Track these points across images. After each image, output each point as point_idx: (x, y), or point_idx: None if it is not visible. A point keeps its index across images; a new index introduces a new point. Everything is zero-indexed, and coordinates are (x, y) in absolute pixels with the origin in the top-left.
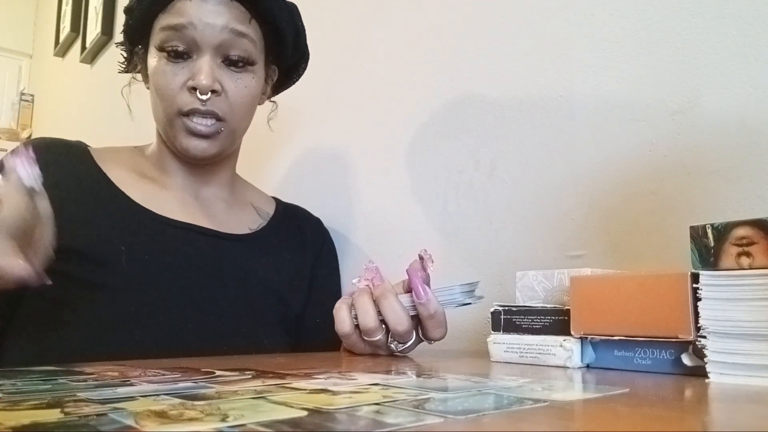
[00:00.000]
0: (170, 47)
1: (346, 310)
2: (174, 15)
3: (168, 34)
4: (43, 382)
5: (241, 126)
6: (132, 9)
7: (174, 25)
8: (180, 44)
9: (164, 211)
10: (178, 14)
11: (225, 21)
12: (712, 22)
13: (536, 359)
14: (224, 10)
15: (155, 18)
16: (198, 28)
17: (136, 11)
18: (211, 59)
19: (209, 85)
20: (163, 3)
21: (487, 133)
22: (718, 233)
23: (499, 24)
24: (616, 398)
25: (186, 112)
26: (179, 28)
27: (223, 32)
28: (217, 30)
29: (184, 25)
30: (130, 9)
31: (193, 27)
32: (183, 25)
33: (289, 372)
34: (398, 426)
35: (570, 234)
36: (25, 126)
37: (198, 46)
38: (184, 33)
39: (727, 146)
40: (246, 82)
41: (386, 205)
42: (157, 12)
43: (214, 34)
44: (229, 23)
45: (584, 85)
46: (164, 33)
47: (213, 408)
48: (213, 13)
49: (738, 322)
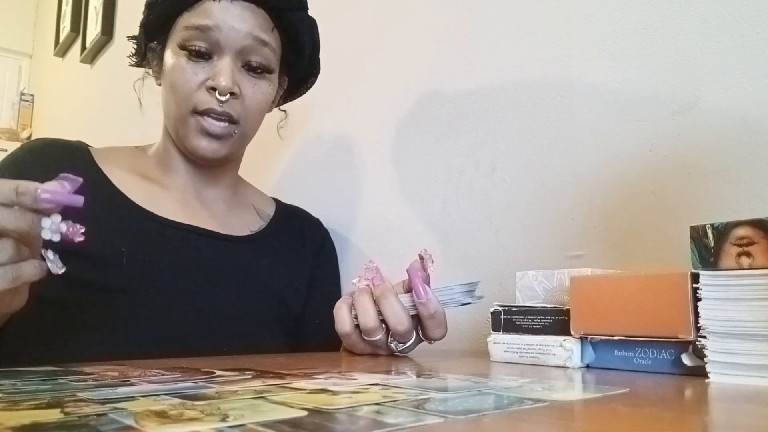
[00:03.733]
0: (193, 46)
1: (346, 310)
2: (200, 15)
3: (192, 33)
4: (43, 382)
5: (252, 130)
6: (155, 4)
7: (199, 25)
8: (203, 44)
9: (165, 212)
10: (204, 15)
11: (249, 27)
12: (712, 22)
13: (536, 359)
14: (249, 16)
15: (178, 15)
16: (223, 30)
17: (160, 7)
18: (231, 62)
19: (229, 87)
20: (189, 1)
21: (487, 133)
22: (718, 233)
23: (500, 24)
24: (616, 398)
25: (201, 111)
26: (204, 29)
27: (247, 38)
28: (241, 35)
29: (209, 27)
30: (153, 4)
31: (218, 29)
32: (208, 26)
33: (289, 372)
34: (398, 426)
35: (570, 234)
36: (25, 126)
37: (220, 49)
38: (209, 34)
39: (727, 146)
40: (263, 88)
41: (386, 205)
42: (181, 10)
43: (238, 38)
44: (253, 30)
45: (584, 85)
46: (188, 32)
47: (213, 408)
48: (239, 18)
49: (738, 322)
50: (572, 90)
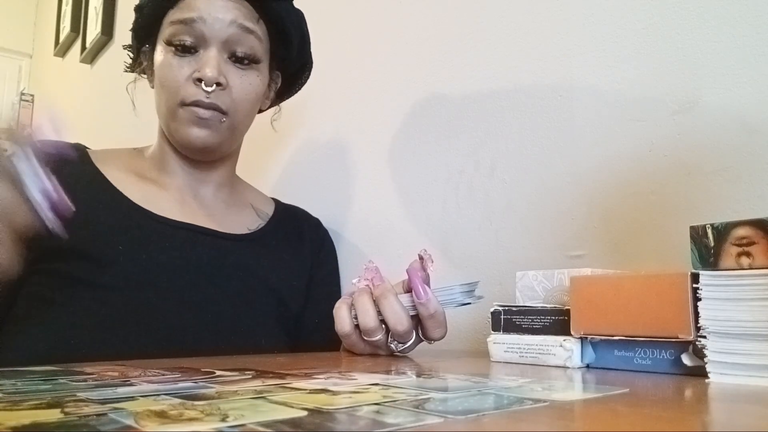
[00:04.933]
0: (178, 41)
1: (346, 310)
2: (184, 10)
3: (177, 27)
4: (43, 382)
5: (243, 123)
6: (142, 6)
7: (184, 19)
8: (188, 38)
9: (163, 211)
10: (188, 9)
11: (233, 16)
12: (712, 22)
13: (536, 359)
14: (233, 6)
15: (165, 14)
16: (207, 22)
17: (147, 8)
18: (217, 53)
19: (215, 77)
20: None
21: (487, 133)
22: (718, 233)
23: (500, 24)
24: (616, 398)
25: (189, 103)
26: (188, 22)
27: (231, 27)
28: (226, 24)
29: (193, 19)
30: (140, 7)
31: (202, 21)
32: (192, 19)
33: (289, 372)
34: (398, 426)
35: (570, 234)
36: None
37: (206, 40)
38: (193, 27)
39: (727, 146)
40: (251, 79)
41: (386, 205)
42: (167, 8)
43: (223, 28)
44: (238, 19)
45: (584, 85)
46: (173, 27)
47: (213, 408)
48: (222, 8)
49: (738, 322)
50: (572, 90)
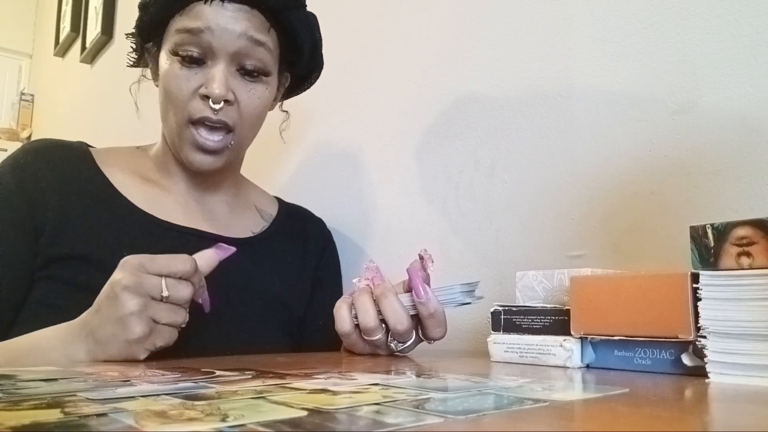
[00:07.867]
0: (185, 52)
1: (346, 310)
2: (191, 18)
3: (183, 37)
4: (43, 382)
5: (249, 136)
6: (147, 5)
7: (191, 28)
8: (195, 50)
9: (166, 215)
10: (196, 17)
11: (243, 28)
12: (712, 22)
13: (536, 359)
14: (243, 17)
15: (171, 18)
16: (215, 33)
17: (152, 8)
18: (225, 67)
19: (222, 95)
20: (181, 3)
21: (487, 133)
22: (718, 233)
23: (500, 24)
24: (616, 398)
25: (196, 120)
26: (196, 32)
27: (241, 39)
28: (235, 36)
29: (201, 29)
30: (145, 5)
31: (210, 32)
32: (200, 29)
33: (289, 372)
34: (398, 426)
35: (570, 234)
36: (25, 126)
37: (213, 53)
38: (201, 37)
39: (727, 146)
40: (259, 93)
41: (386, 205)
42: (173, 12)
43: (232, 39)
44: (248, 30)
45: (584, 85)
46: (179, 36)
47: (213, 408)
48: (232, 19)
49: (738, 322)
50: (572, 90)
